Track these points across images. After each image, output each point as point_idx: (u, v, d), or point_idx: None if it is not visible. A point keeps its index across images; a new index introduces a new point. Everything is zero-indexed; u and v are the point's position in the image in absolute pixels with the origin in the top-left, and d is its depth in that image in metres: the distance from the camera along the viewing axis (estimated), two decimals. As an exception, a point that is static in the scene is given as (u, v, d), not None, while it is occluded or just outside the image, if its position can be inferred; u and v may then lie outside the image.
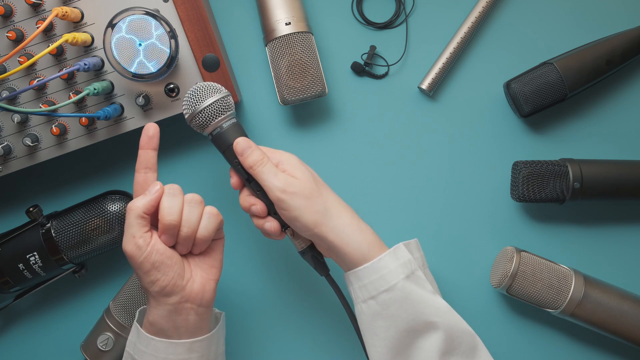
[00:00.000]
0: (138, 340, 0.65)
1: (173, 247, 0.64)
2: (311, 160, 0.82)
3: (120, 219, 0.74)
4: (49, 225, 0.74)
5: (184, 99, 0.67)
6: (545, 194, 0.76)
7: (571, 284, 0.73)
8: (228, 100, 0.67)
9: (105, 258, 0.81)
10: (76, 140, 0.74)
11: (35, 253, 0.73)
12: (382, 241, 0.68)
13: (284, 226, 0.68)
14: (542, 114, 0.80)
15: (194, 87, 0.67)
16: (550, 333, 0.80)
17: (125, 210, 0.74)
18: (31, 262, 0.73)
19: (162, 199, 0.63)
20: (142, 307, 0.69)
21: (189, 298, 0.63)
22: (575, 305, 0.73)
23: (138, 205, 0.62)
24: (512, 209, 0.81)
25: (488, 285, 0.80)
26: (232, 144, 0.67)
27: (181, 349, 0.64)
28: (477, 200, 0.81)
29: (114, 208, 0.74)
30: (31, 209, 0.74)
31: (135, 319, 0.68)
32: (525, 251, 0.76)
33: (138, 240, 0.61)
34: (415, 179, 0.81)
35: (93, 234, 0.74)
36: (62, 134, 0.73)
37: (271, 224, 0.67)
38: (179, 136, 0.82)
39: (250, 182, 0.68)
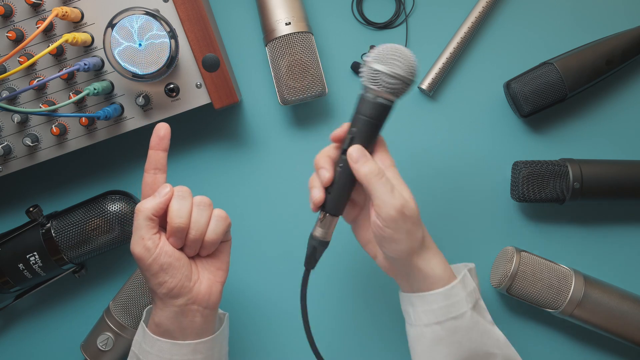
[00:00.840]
0: (144, 341, 0.65)
1: (181, 249, 0.64)
2: (311, 161, 0.82)
3: (120, 219, 0.74)
4: (49, 225, 0.74)
5: (381, 48, 0.61)
6: (545, 194, 0.76)
7: (571, 284, 0.73)
8: (404, 87, 0.62)
9: (105, 258, 0.81)
10: (76, 140, 0.74)
11: (35, 253, 0.73)
12: (449, 266, 0.66)
13: (324, 208, 0.64)
14: (542, 114, 0.80)
15: (395, 48, 0.61)
16: (550, 333, 0.80)
17: (125, 210, 0.74)
18: (31, 262, 0.73)
19: (172, 201, 0.63)
20: (149, 307, 0.69)
21: (195, 300, 0.63)
22: (575, 305, 0.73)
23: (147, 207, 0.61)
24: (512, 209, 0.81)
25: (488, 285, 0.80)
26: (368, 118, 0.62)
27: (186, 350, 0.63)
28: (477, 200, 0.81)
29: (114, 208, 0.74)
30: (31, 209, 0.74)
31: (142, 318, 0.67)
32: (525, 251, 0.76)
33: (147, 242, 0.61)
34: (415, 178, 0.81)
35: (93, 234, 0.74)
36: (62, 134, 0.73)
37: (319, 194, 0.64)
38: (179, 136, 0.82)
39: (344, 154, 0.63)
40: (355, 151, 0.62)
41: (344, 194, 0.64)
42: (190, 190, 0.64)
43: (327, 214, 0.64)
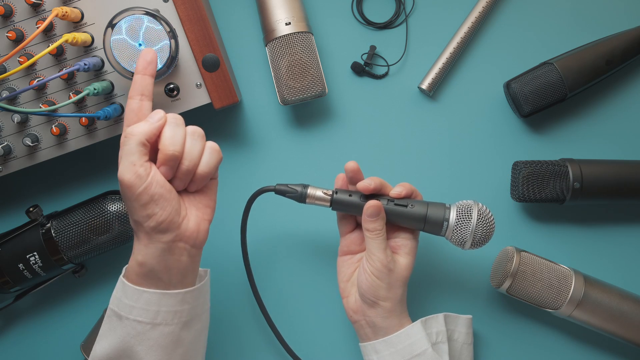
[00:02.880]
0: (124, 296, 0.60)
1: (170, 182, 0.60)
2: (311, 160, 0.82)
3: (120, 219, 0.74)
4: (49, 225, 0.74)
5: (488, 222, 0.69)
6: (545, 194, 0.76)
7: (571, 284, 0.73)
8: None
9: (105, 258, 0.81)
10: (76, 140, 0.74)
11: (35, 253, 0.73)
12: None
13: (336, 208, 0.70)
14: (542, 114, 0.80)
15: (488, 233, 0.69)
16: (550, 333, 0.80)
17: (125, 210, 0.74)
18: (31, 262, 0.73)
19: (165, 127, 0.59)
20: (127, 265, 0.64)
21: (183, 237, 0.60)
22: (575, 305, 0.73)
23: (140, 131, 0.57)
24: (512, 209, 0.81)
25: (488, 285, 0.80)
26: (423, 217, 0.69)
27: (174, 300, 0.60)
28: (477, 200, 0.81)
29: (114, 208, 0.74)
30: (31, 209, 0.74)
31: (122, 274, 0.62)
32: (525, 251, 0.76)
33: (139, 168, 0.56)
34: (416, 179, 0.81)
35: (93, 234, 0.74)
36: (62, 134, 0.73)
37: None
38: (179, 136, 0.82)
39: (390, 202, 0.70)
40: (373, 208, 0.67)
41: (357, 210, 0.70)
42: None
43: (333, 199, 0.70)
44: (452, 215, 0.68)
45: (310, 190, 0.70)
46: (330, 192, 0.70)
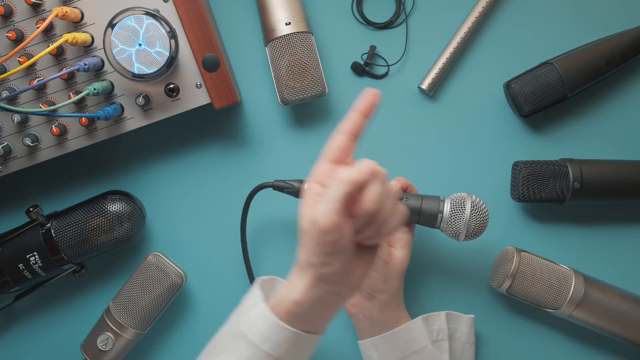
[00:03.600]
0: (263, 325, 0.57)
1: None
2: (311, 160, 0.82)
3: (120, 219, 0.74)
4: (49, 225, 0.74)
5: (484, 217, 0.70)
6: (545, 194, 0.76)
7: (571, 284, 0.73)
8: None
9: (105, 258, 0.81)
10: (76, 140, 0.74)
11: (35, 253, 0.73)
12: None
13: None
14: (542, 114, 0.80)
15: (482, 224, 0.70)
16: (550, 333, 0.80)
17: (124, 209, 0.74)
18: (31, 262, 0.73)
19: (374, 181, 0.55)
20: (265, 278, 0.63)
21: (343, 291, 0.57)
22: (575, 305, 0.73)
23: (352, 180, 0.53)
24: (512, 209, 0.81)
25: (488, 285, 0.80)
26: (421, 209, 0.71)
27: (308, 343, 0.58)
28: (477, 200, 0.81)
29: (114, 208, 0.74)
30: (31, 209, 0.74)
31: (261, 297, 0.59)
32: (525, 251, 0.76)
33: (340, 219, 0.52)
34: (416, 178, 0.81)
35: (93, 234, 0.74)
36: (62, 134, 0.73)
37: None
38: (179, 136, 0.82)
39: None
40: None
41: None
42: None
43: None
44: (446, 208, 0.70)
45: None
46: None
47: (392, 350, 0.69)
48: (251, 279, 0.79)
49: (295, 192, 0.72)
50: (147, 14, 0.67)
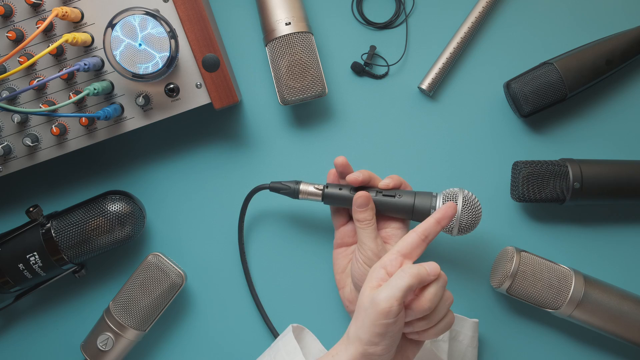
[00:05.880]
0: None
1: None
2: (311, 160, 0.82)
3: (120, 219, 0.74)
4: (49, 225, 0.74)
5: (475, 207, 0.70)
6: (545, 194, 0.76)
7: (571, 284, 0.73)
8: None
9: (105, 258, 0.81)
10: (76, 140, 0.74)
11: (35, 253, 0.73)
12: None
13: (328, 202, 0.73)
14: (542, 114, 0.80)
15: (475, 218, 0.70)
16: (550, 333, 0.80)
17: (125, 210, 0.74)
18: (31, 262, 0.73)
19: (435, 283, 0.61)
20: (295, 325, 0.71)
21: None
22: (575, 305, 0.73)
23: (419, 279, 0.59)
24: (512, 209, 0.81)
25: (488, 285, 0.80)
26: (413, 206, 0.71)
27: None
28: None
29: (114, 208, 0.74)
30: (31, 209, 0.74)
31: (298, 349, 0.67)
32: (525, 251, 0.76)
33: (397, 306, 0.58)
34: (415, 179, 0.81)
35: (93, 234, 0.74)
36: (62, 134, 0.73)
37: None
38: (179, 136, 0.82)
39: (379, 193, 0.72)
40: (362, 199, 0.69)
41: (347, 202, 0.72)
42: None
43: (324, 193, 0.72)
44: (439, 203, 0.70)
45: (302, 186, 0.73)
46: (322, 187, 0.73)
47: None
48: (249, 282, 0.79)
49: (292, 193, 0.73)
50: (147, 14, 0.67)
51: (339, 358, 0.60)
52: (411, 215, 0.71)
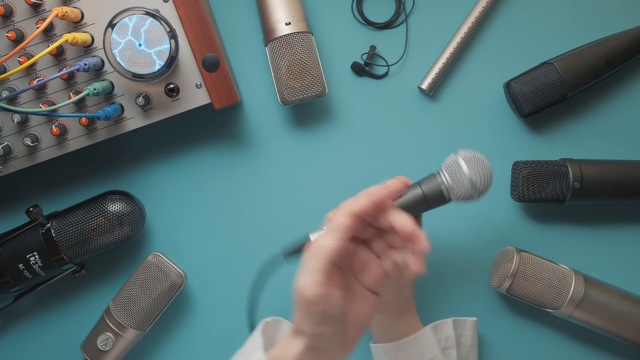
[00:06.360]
0: None
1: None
2: (311, 160, 0.82)
3: (120, 219, 0.74)
4: (49, 225, 0.74)
5: (487, 167, 0.64)
6: (545, 194, 0.76)
7: (571, 284, 0.73)
8: (467, 200, 0.65)
9: (105, 258, 0.81)
10: (76, 140, 0.74)
11: (35, 253, 0.73)
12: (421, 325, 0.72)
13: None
14: (542, 114, 0.80)
15: (485, 169, 0.64)
16: (550, 333, 0.80)
17: (124, 210, 0.74)
18: (31, 262, 0.73)
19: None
20: (268, 320, 0.70)
21: (334, 354, 0.59)
22: (575, 305, 0.73)
23: (325, 247, 0.55)
24: (512, 209, 0.81)
25: (488, 285, 0.80)
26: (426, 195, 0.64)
27: None
28: (478, 199, 0.81)
29: (114, 208, 0.74)
30: (31, 209, 0.74)
31: (261, 344, 0.63)
32: (525, 251, 0.76)
33: (319, 288, 0.55)
34: (416, 179, 0.81)
35: (93, 234, 0.74)
36: (62, 134, 0.73)
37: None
38: (179, 136, 0.82)
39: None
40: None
41: None
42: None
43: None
44: (445, 177, 0.64)
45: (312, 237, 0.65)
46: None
47: (403, 359, 0.70)
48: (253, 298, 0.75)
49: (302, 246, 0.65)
50: (147, 14, 0.67)
51: (290, 353, 0.58)
52: (428, 204, 0.65)
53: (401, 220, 0.58)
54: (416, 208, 0.65)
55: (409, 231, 0.57)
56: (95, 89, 0.69)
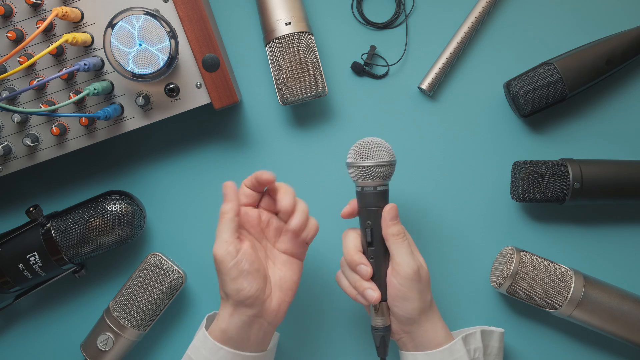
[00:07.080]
0: (204, 347, 0.67)
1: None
2: (311, 160, 0.82)
3: (120, 219, 0.74)
4: (49, 225, 0.74)
5: (359, 146, 0.68)
6: (545, 194, 0.76)
7: (571, 284, 0.73)
8: (392, 170, 0.69)
9: (105, 258, 0.81)
10: (76, 140, 0.74)
11: (35, 253, 0.73)
12: (448, 328, 0.71)
13: (384, 298, 0.68)
14: (542, 114, 0.80)
15: (370, 141, 0.68)
16: (550, 333, 0.80)
17: (125, 210, 0.74)
18: (31, 262, 0.73)
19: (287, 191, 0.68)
20: (210, 313, 0.73)
21: (264, 314, 0.66)
22: (575, 305, 0.73)
23: (224, 211, 0.66)
24: (512, 209, 0.81)
25: (488, 285, 0.80)
26: (377, 207, 0.68)
27: None
28: (477, 200, 0.81)
29: (114, 208, 0.74)
30: (31, 209, 0.74)
31: (204, 325, 0.70)
32: (525, 251, 0.76)
33: (225, 245, 0.64)
34: (415, 179, 0.81)
35: (93, 234, 0.74)
36: (62, 134, 0.73)
37: (374, 291, 0.66)
38: (179, 136, 0.82)
39: (371, 245, 0.68)
40: (391, 212, 0.67)
41: (382, 278, 0.68)
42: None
43: (382, 302, 0.68)
44: (352, 171, 0.69)
45: (379, 323, 0.69)
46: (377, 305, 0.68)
47: None
48: None
49: None
50: (147, 14, 0.67)
51: (221, 318, 0.66)
52: (365, 197, 0.69)
53: (282, 198, 0.67)
54: (369, 202, 0.69)
55: (285, 208, 0.67)
56: (95, 89, 0.69)
